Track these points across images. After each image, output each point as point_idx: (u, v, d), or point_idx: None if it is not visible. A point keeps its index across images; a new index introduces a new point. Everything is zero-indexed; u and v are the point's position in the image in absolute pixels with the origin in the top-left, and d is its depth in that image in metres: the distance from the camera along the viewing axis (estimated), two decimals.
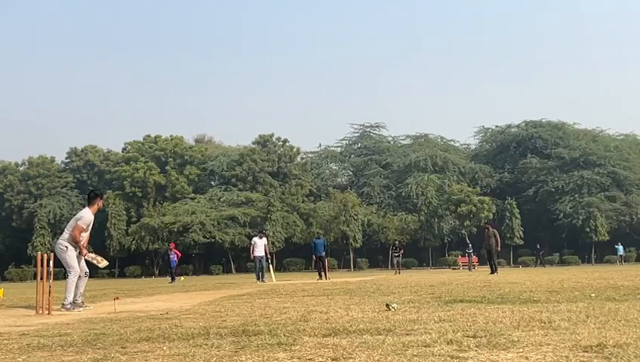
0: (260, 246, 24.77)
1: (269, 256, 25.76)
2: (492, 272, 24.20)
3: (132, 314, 8.53)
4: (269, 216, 64.47)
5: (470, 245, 50.11)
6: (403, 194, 70.30)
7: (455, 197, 63.64)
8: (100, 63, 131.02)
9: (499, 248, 25.69)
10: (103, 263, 10.79)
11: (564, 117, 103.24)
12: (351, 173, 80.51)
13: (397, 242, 44.82)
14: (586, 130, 76.69)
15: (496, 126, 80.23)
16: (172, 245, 35.78)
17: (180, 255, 34.42)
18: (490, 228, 26.60)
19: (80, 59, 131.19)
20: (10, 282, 56.91)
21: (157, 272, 64.78)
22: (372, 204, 70.22)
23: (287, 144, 76.18)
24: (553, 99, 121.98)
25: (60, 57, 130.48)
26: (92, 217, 10.61)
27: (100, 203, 10.89)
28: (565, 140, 73.98)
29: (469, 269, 42.32)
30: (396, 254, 39.32)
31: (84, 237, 10.53)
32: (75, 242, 10.37)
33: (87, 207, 10.75)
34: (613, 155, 71.33)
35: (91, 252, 11.04)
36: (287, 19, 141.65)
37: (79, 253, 10.43)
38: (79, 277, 10.31)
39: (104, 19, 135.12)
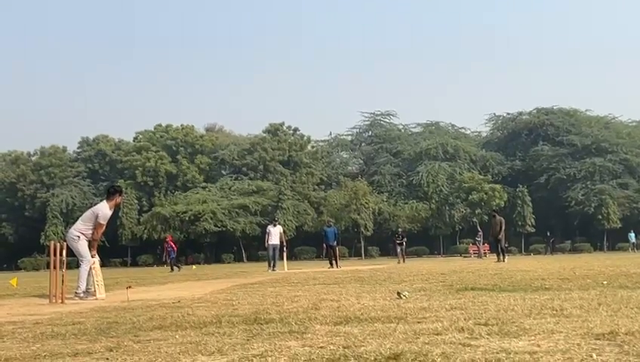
0: (274, 235, 24.69)
1: (284, 244, 25.69)
2: (498, 260, 23.97)
3: (144, 302, 8.57)
4: (279, 204, 64.58)
5: (480, 233, 49.96)
6: (414, 182, 70.19)
7: (466, 185, 63.48)
8: (111, 53, 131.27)
9: (501, 236, 25.37)
10: None
11: (575, 104, 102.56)
12: (361, 162, 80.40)
13: (400, 229, 41.06)
14: (598, 117, 76.11)
15: (508, 113, 79.75)
16: (169, 238, 35.74)
17: (175, 248, 33.70)
18: (497, 216, 26.37)
19: (91, 48, 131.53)
20: (23, 271, 57.35)
21: (169, 261, 64.99)
22: (383, 193, 70.12)
23: (298, 133, 76.15)
24: (565, 85, 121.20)
25: (72, 47, 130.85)
26: (110, 213, 10.61)
27: (118, 199, 10.86)
28: (577, 127, 73.44)
29: (479, 257, 42.17)
30: (399, 242, 36.29)
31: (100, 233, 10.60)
32: (93, 240, 10.42)
33: (105, 201, 10.73)
34: (625, 142, 70.92)
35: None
36: (298, 8, 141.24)
37: (90, 247, 10.47)
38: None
39: (115, 9, 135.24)
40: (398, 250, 35.25)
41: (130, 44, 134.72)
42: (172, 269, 31.25)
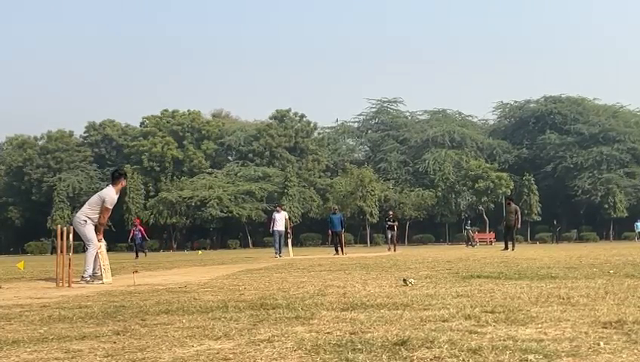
0: (279, 221, 24.69)
1: (289, 231, 25.67)
2: (505, 248, 23.67)
3: (151, 287, 8.61)
4: (285, 191, 64.68)
5: (469, 221, 49.89)
6: (420, 169, 70.12)
7: (473, 173, 63.40)
8: (116, 37, 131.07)
9: (519, 226, 24.91)
10: None
11: (583, 92, 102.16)
12: (368, 149, 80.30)
13: (391, 213, 35.09)
14: (606, 106, 75.79)
15: (515, 101, 79.54)
16: (137, 221, 35.28)
17: (143, 233, 32.31)
18: (512, 204, 25.74)
19: (97, 32, 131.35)
20: (30, 255, 57.64)
21: (175, 246, 65.45)
22: (389, 180, 70.10)
23: (304, 119, 76.14)
24: (573, 74, 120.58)
25: (78, 31, 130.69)
26: (116, 197, 10.64)
27: (123, 182, 10.90)
28: (585, 116, 73.17)
29: (466, 245, 41.93)
30: (389, 225, 31.51)
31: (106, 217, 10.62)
32: (100, 224, 10.45)
33: (110, 186, 10.75)
34: (633, 131, 70.66)
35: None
36: None
37: (96, 231, 10.50)
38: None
39: None
40: (389, 236, 31.51)
41: (136, 29, 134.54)
42: (137, 255, 29.95)
